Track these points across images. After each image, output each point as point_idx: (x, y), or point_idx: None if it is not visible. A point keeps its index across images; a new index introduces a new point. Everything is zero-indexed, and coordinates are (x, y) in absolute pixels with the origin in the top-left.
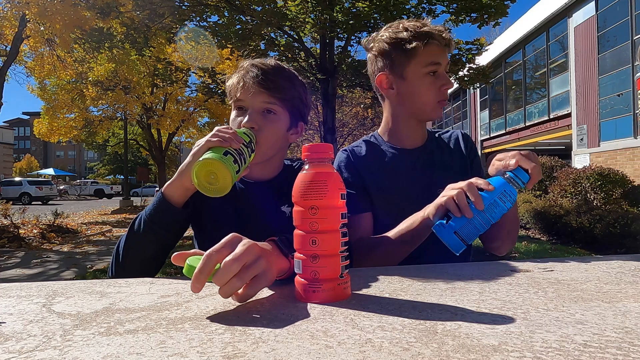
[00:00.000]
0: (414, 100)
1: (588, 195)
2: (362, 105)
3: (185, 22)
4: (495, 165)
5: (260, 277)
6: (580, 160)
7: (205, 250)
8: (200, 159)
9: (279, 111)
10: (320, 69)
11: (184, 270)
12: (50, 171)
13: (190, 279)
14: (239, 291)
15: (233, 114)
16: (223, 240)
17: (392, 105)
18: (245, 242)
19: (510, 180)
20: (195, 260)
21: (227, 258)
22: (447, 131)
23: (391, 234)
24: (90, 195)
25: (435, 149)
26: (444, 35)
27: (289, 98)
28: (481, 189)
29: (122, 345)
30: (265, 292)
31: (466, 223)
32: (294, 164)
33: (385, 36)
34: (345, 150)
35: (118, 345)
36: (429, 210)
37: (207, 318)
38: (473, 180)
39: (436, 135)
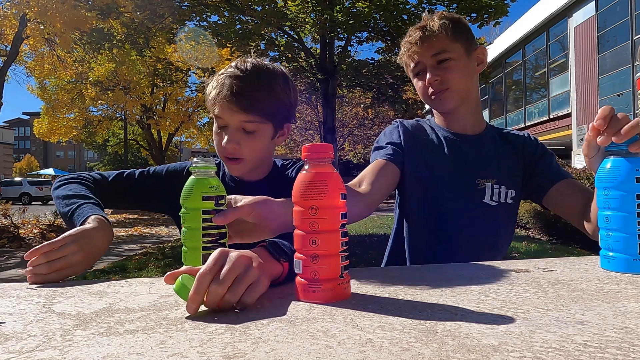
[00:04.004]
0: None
1: None
2: (362, 105)
3: (185, 22)
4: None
5: (255, 284)
6: (580, 160)
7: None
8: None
9: (258, 127)
10: (320, 69)
11: (175, 289)
12: (50, 171)
13: (180, 297)
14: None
15: (215, 126)
16: (212, 257)
17: None
18: (232, 256)
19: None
20: (187, 279)
21: (212, 285)
22: (511, 131)
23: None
24: None
25: (489, 142)
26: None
27: (268, 110)
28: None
29: (122, 345)
30: (265, 292)
31: None
32: (285, 163)
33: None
34: (396, 121)
35: (118, 345)
36: None
37: (207, 318)
38: None
39: (498, 130)
